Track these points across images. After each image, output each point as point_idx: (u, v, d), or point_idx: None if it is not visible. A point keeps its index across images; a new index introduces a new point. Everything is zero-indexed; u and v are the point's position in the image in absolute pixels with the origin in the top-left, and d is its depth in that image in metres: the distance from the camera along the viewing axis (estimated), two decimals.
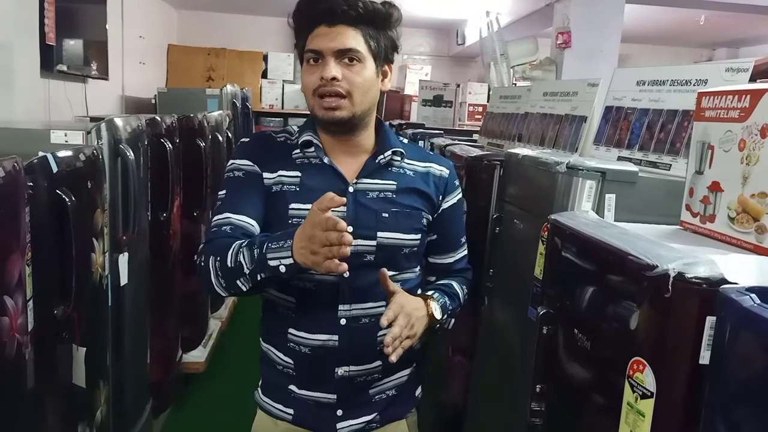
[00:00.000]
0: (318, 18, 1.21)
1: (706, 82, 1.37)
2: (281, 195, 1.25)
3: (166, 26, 6.28)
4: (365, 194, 1.26)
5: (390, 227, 1.25)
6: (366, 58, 1.22)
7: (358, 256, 1.21)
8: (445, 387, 2.00)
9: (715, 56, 7.40)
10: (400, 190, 1.28)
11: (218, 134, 3.58)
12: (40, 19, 3.04)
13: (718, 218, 1.03)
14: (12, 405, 1.22)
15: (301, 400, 1.31)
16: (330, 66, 1.19)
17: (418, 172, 1.32)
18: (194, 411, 3.04)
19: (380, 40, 1.24)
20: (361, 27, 1.21)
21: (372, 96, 1.26)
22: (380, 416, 1.33)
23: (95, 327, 1.81)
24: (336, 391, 1.28)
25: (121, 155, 1.98)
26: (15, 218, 1.20)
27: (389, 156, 1.29)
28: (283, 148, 1.29)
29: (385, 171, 1.29)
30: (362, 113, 1.25)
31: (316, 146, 1.27)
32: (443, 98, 4.63)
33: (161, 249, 2.59)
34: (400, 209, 1.27)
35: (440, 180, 1.34)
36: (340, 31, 1.20)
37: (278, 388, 1.33)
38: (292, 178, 1.26)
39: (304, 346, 1.27)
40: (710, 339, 0.73)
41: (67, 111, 3.50)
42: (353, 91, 1.21)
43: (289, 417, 1.32)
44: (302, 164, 1.27)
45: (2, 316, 1.13)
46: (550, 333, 1.10)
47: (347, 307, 1.26)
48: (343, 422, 1.30)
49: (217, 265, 1.18)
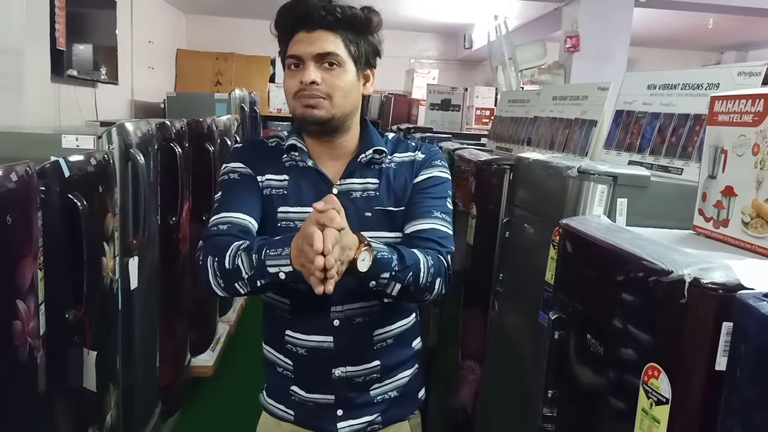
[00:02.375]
0: (297, 24, 1.22)
1: (717, 86, 1.36)
2: (269, 199, 1.27)
3: (174, 31, 6.31)
4: (348, 195, 1.26)
5: (374, 226, 1.24)
6: (346, 62, 1.23)
7: None
8: (454, 392, 1.99)
9: (723, 59, 7.37)
10: (383, 187, 1.28)
11: (227, 138, 3.60)
12: (51, 24, 3.07)
13: (732, 223, 1.03)
14: (24, 408, 1.23)
15: (302, 401, 1.32)
16: (309, 70, 1.20)
17: (403, 162, 1.31)
18: (203, 414, 3.04)
19: (360, 44, 1.25)
20: (339, 32, 1.22)
21: (353, 100, 1.26)
22: (381, 417, 1.33)
23: (106, 331, 1.82)
24: (334, 392, 1.29)
25: (132, 159, 1.99)
26: (27, 222, 1.20)
27: (370, 155, 1.28)
28: (274, 153, 1.31)
29: (368, 169, 1.29)
30: (342, 116, 1.25)
31: (300, 150, 1.28)
32: (451, 102, 4.63)
33: (171, 253, 2.60)
34: (382, 208, 1.26)
35: (415, 163, 1.31)
36: (318, 36, 1.21)
37: (281, 389, 1.34)
38: (280, 181, 1.27)
39: (301, 347, 1.28)
40: (726, 345, 0.73)
41: (77, 115, 3.52)
42: (333, 94, 1.21)
43: (291, 418, 1.33)
44: (290, 167, 1.29)
45: (14, 320, 1.14)
46: (562, 338, 1.09)
47: (340, 308, 1.26)
48: (343, 422, 1.31)
49: (216, 266, 1.18)
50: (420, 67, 7.22)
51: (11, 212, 1.11)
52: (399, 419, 1.36)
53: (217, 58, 6.35)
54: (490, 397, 1.78)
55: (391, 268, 1.14)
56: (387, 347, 1.31)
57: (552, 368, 1.11)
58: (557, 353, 1.10)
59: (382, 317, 1.30)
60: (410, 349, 1.38)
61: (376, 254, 1.12)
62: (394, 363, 1.33)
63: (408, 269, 1.17)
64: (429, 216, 1.27)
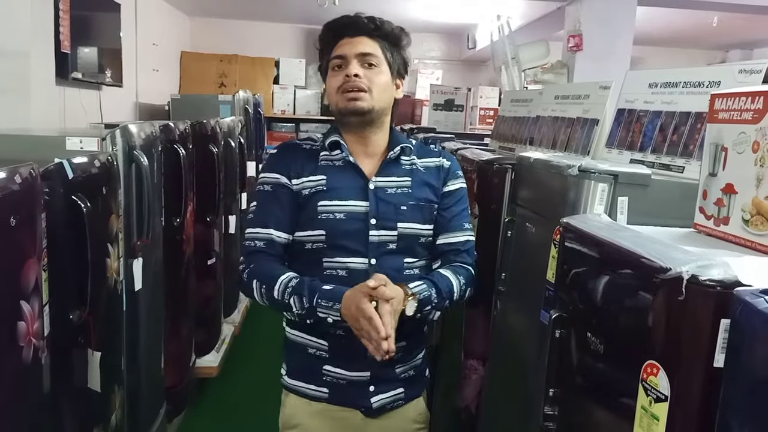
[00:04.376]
0: (342, 31, 1.43)
1: (719, 84, 1.36)
2: (310, 197, 1.41)
3: (179, 33, 6.33)
4: (384, 190, 1.43)
5: (408, 218, 1.42)
6: (382, 63, 1.42)
7: (381, 244, 1.40)
8: (458, 391, 2.00)
9: (728, 58, 7.34)
10: (414, 185, 1.45)
11: (231, 140, 3.60)
12: (56, 27, 3.09)
13: (732, 221, 1.03)
14: (29, 409, 1.23)
15: (335, 380, 1.44)
16: (353, 65, 1.39)
17: (429, 168, 1.49)
18: (208, 415, 3.05)
19: (394, 54, 1.45)
20: (378, 39, 1.43)
21: (388, 96, 1.45)
22: (404, 393, 1.49)
23: (110, 332, 1.83)
24: (369, 368, 1.42)
25: (136, 161, 1.99)
26: (32, 224, 1.21)
27: (398, 151, 1.46)
28: (309, 155, 1.46)
29: (399, 168, 1.46)
30: (380, 109, 1.43)
31: (342, 146, 1.44)
32: (454, 102, 4.63)
33: (175, 254, 2.61)
34: (415, 202, 1.44)
35: (443, 170, 1.50)
36: (361, 40, 1.41)
37: (311, 370, 1.45)
38: (318, 181, 1.42)
39: (339, 328, 1.37)
40: (725, 342, 0.73)
41: (82, 118, 3.54)
42: (372, 87, 1.40)
43: (325, 396, 1.45)
44: (327, 167, 1.44)
45: (19, 321, 1.14)
46: (563, 336, 1.09)
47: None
48: (375, 396, 1.45)
49: (263, 291, 1.37)
50: (423, 67, 7.22)
51: (16, 214, 1.12)
52: (416, 395, 1.53)
53: (221, 60, 6.37)
54: (494, 395, 1.78)
55: (431, 302, 1.38)
56: (410, 329, 1.43)
57: (553, 367, 1.11)
58: (558, 352, 1.10)
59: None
60: (423, 333, 1.55)
61: (419, 297, 1.34)
62: (414, 343, 1.50)
63: (444, 299, 1.40)
64: (461, 229, 1.49)
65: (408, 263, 1.44)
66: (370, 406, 1.44)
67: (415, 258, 1.45)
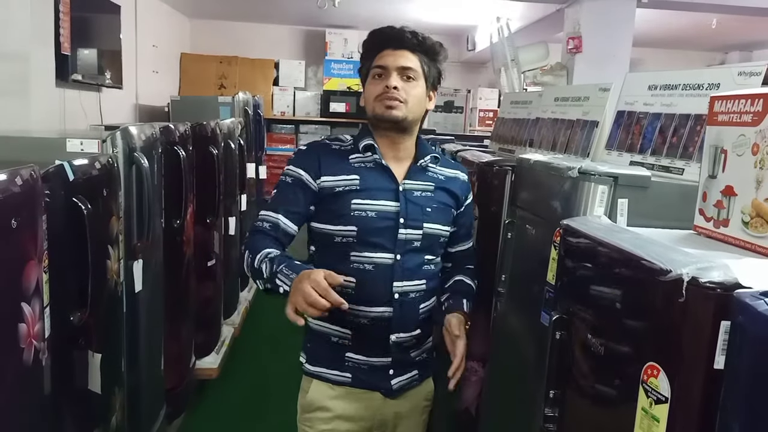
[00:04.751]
0: (386, 43, 1.51)
1: (718, 86, 1.36)
2: (343, 194, 1.50)
3: (178, 35, 6.33)
4: (412, 192, 1.54)
5: (433, 219, 1.55)
6: (420, 77, 1.52)
7: (408, 242, 1.52)
8: (458, 393, 2.00)
9: (727, 59, 7.34)
10: (437, 190, 1.58)
11: (230, 141, 3.60)
12: (56, 29, 3.09)
13: (732, 222, 1.03)
14: (29, 410, 1.24)
15: (357, 365, 1.55)
16: (393, 77, 1.49)
17: (448, 176, 1.62)
18: (208, 417, 3.05)
19: (431, 68, 1.54)
20: (418, 54, 1.51)
21: (421, 108, 1.55)
22: (419, 374, 1.63)
23: (110, 333, 1.83)
24: (391, 354, 1.55)
25: (136, 163, 2.00)
26: (33, 226, 1.21)
27: (428, 160, 1.58)
28: (339, 155, 1.55)
29: (424, 174, 1.58)
30: (413, 119, 1.54)
31: (375, 149, 1.53)
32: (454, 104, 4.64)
33: (175, 256, 2.61)
34: (438, 205, 1.57)
35: (464, 184, 1.66)
36: (403, 54, 1.50)
37: (334, 357, 1.57)
38: (351, 180, 1.51)
39: (364, 318, 1.51)
40: (725, 343, 0.73)
41: (82, 120, 3.54)
42: (408, 99, 1.50)
43: (348, 380, 1.56)
44: (359, 168, 1.53)
45: (20, 323, 1.14)
46: (563, 338, 1.10)
47: (400, 284, 1.52)
48: (395, 379, 1.58)
49: (248, 260, 1.47)
50: None
51: (16, 216, 1.12)
52: (428, 376, 1.68)
53: (221, 61, 6.37)
54: (494, 397, 1.78)
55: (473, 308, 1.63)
56: (425, 318, 1.59)
57: (553, 368, 1.12)
58: (558, 353, 1.10)
59: (426, 294, 1.58)
60: (431, 322, 1.66)
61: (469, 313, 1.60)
62: (427, 330, 1.63)
63: (474, 304, 1.64)
64: (470, 237, 1.72)
65: (428, 260, 1.57)
66: (391, 387, 1.57)
67: (434, 255, 1.59)
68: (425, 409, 1.70)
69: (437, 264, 1.61)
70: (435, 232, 1.56)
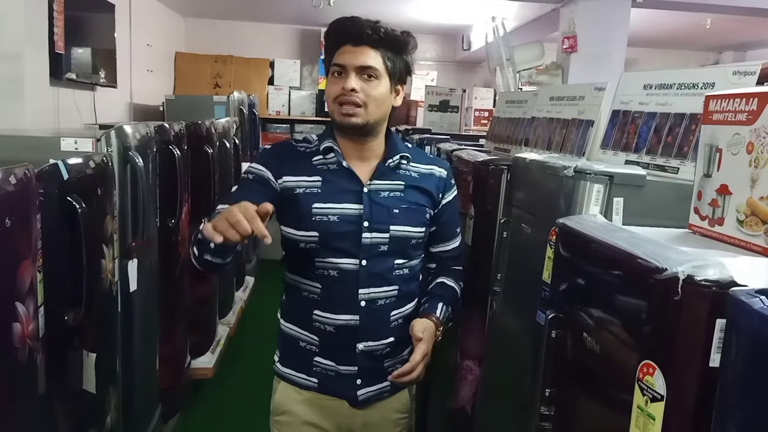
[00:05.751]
0: (345, 38, 1.40)
1: (713, 86, 1.36)
2: (304, 196, 1.43)
3: (173, 34, 6.32)
4: (378, 193, 1.45)
5: (400, 221, 1.45)
6: (382, 75, 1.41)
7: (373, 246, 1.43)
8: (454, 392, 2.00)
9: (721, 59, 7.37)
10: (407, 189, 1.48)
11: (225, 141, 3.60)
12: (50, 28, 3.07)
13: (727, 221, 1.03)
14: (24, 410, 1.23)
15: (324, 371, 1.49)
16: (351, 79, 1.38)
17: (422, 173, 1.52)
18: (203, 417, 3.04)
19: (396, 62, 1.44)
20: (381, 49, 1.40)
21: (384, 109, 1.45)
22: (390, 386, 1.52)
23: (105, 333, 1.83)
24: (357, 364, 1.47)
25: (131, 162, 1.99)
26: (27, 225, 1.21)
27: (397, 160, 1.48)
28: (304, 156, 1.47)
29: (393, 173, 1.48)
30: (375, 122, 1.43)
31: (335, 152, 1.45)
32: (449, 103, 4.63)
33: (170, 255, 2.60)
34: (408, 206, 1.47)
35: (440, 180, 1.54)
36: (362, 50, 1.39)
37: (302, 360, 1.50)
38: (314, 182, 1.43)
39: (329, 325, 1.45)
40: (720, 341, 0.73)
41: (76, 119, 3.53)
42: (368, 102, 1.40)
43: (314, 385, 1.50)
44: (322, 169, 1.45)
45: (14, 322, 1.14)
46: (559, 337, 1.10)
47: (366, 291, 1.44)
48: (362, 389, 1.50)
49: (194, 248, 1.41)
50: (418, 68, 7.21)
51: (10, 215, 1.12)
52: (402, 388, 1.56)
53: (215, 60, 6.35)
54: (490, 396, 1.78)
55: (451, 320, 1.53)
56: (398, 326, 1.50)
57: (549, 367, 1.12)
58: (554, 352, 1.10)
59: (398, 301, 1.50)
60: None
61: (445, 322, 1.49)
62: (401, 339, 1.51)
63: (456, 309, 1.55)
64: (455, 236, 1.61)
65: (398, 264, 1.48)
66: (356, 398, 1.49)
67: (406, 259, 1.50)
68: (400, 422, 1.60)
69: (413, 267, 1.52)
70: (404, 235, 1.46)
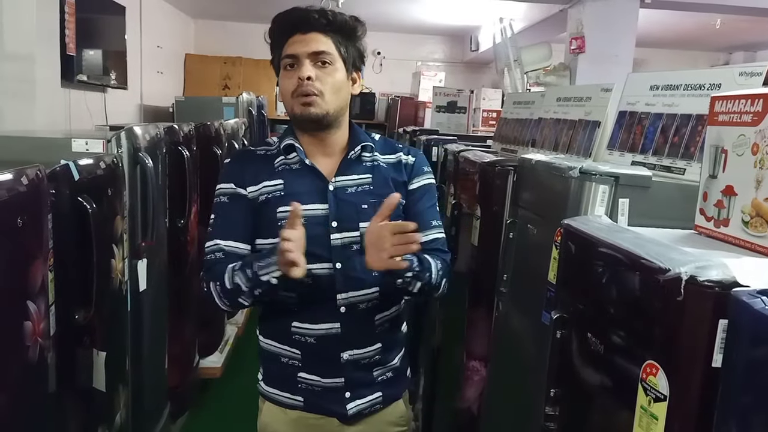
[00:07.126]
0: (293, 27, 1.35)
1: (719, 87, 1.36)
2: (267, 203, 1.36)
3: (183, 36, 6.36)
4: (344, 190, 1.38)
5: (370, 217, 1.30)
6: (336, 60, 1.35)
7: (345, 247, 1.35)
8: (460, 392, 2.00)
9: (732, 60, 7.33)
10: (375, 182, 1.40)
11: (234, 142, 3.62)
12: (61, 30, 3.11)
13: (732, 222, 1.03)
14: (34, 408, 1.25)
15: (310, 387, 1.40)
16: (305, 66, 1.32)
17: (390, 163, 1.44)
18: (211, 416, 3.06)
19: (348, 48, 1.38)
20: (331, 34, 1.35)
21: (343, 96, 1.38)
22: (383, 397, 1.45)
23: (115, 332, 1.84)
24: (343, 375, 1.39)
25: (141, 163, 2.01)
26: (38, 225, 1.23)
27: (359, 150, 1.40)
28: (264, 160, 1.41)
29: (359, 166, 1.40)
30: (335, 111, 1.36)
31: (297, 149, 1.38)
32: (457, 104, 4.63)
33: (179, 255, 2.62)
34: (377, 200, 1.33)
35: (407, 166, 1.44)
36: (313, 37, 1.34)
37: (286, 378, 1.42)
38: (276, 186, 1.37)
39: (310, 336, 1.38)
40: (723, 342, 0.74)
41: (87, 120, 3.56)
42: (325, 90, 1.33)
43: (300, 404, 1.41)
44: (283, 171, 1.38)
45: (25, 321, 1.16)
46: (564, 337, 1.10)
47: (345, 296, 1.36)
48: (352, 403, 1.41)
49: (219, 289, 1.33)
50: (426, 69, 7.23)
51: (22, 215, 1.13)
52: (396, 398, 1.49)
53: (225, 62, 6.40)
54: (496, 397, 1.78)
55: (413, 268, 1.30)
56: (385, 330, 1.43)
57: (554, 367, 1.12)
58: (559, 352, 1.11)
59: (381, 303, 1.41)
60: (401, 332, 1.52)
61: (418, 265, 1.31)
62: (391, 344, 1.45)
63: (425, 270, 1.34)
64: (429, 227, 1.43)
65: None
66: (346, 413, 1.40)
67: None
68: None
69: None
70: None
